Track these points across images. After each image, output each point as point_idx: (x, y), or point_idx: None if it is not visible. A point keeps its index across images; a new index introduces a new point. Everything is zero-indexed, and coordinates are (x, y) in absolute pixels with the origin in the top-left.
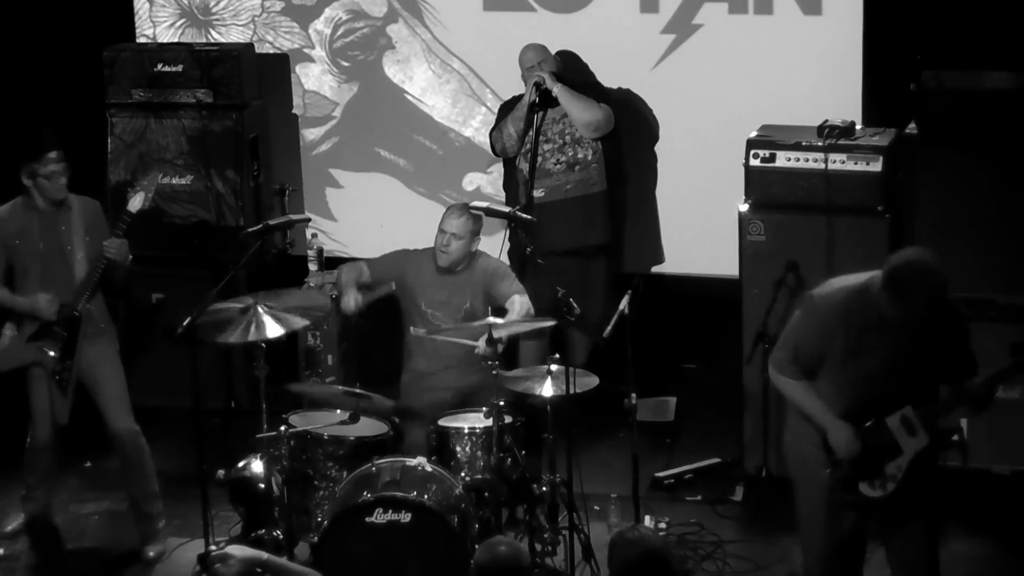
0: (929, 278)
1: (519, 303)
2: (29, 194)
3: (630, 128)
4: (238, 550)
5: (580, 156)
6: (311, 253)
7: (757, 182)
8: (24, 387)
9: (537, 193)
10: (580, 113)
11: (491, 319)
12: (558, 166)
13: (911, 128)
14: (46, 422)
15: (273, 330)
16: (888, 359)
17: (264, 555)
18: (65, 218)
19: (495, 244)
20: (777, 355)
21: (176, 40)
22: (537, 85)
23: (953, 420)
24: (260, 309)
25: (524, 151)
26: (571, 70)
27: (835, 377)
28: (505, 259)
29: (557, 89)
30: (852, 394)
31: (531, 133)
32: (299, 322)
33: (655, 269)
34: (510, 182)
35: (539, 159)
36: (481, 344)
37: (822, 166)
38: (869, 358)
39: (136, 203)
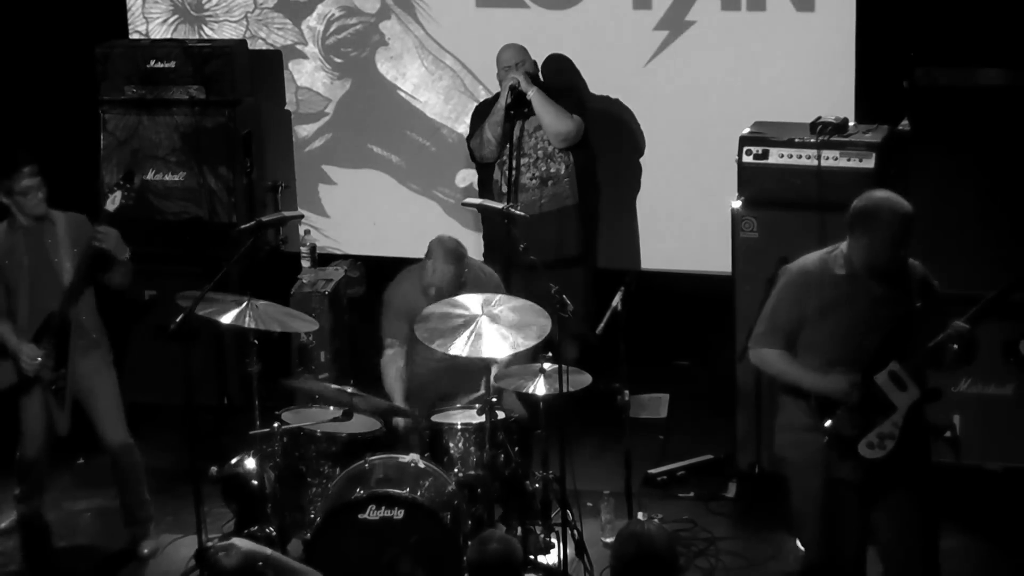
0: (890, 203)
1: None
2: (11, 214)
3: (622, 128)
4: (242, 542)
5: (553, 170)
6: (304, 250)
7: (750, 179)
8: (15, 395)
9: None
10: (551, 121)
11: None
12: (532, 181)
13: (904, 125)
14: (36, 439)
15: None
16: (864, 312)
17: (267, 551)
18: (50, 232)
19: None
20: (756, 332)
21: (169, 36)
22: (512, 88)
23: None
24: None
25: (500, 161)
26: (557, 73)
27: (815, 340)
28: (480, 257)
29: (532, 93)
30: (835, 354)
31: (509, 146)
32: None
33: (648, 266)
34: (485, 189)
35: (515, 174)
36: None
37: (815, 163)
38: (845, 312)
39: (114, 202)
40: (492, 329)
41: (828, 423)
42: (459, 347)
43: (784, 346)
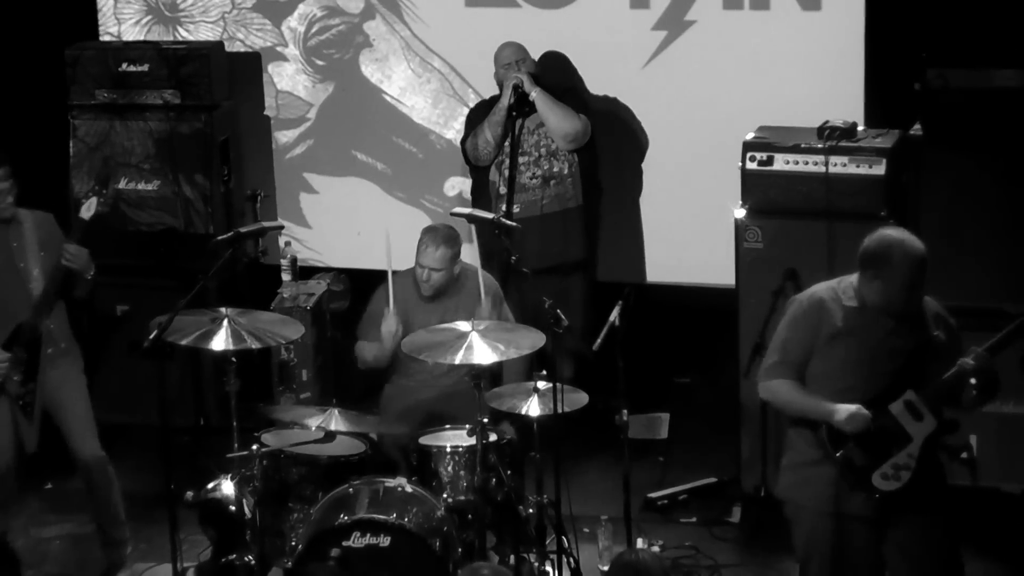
0: (903, 247)
1: None
2: None
3: (617, 132)
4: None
5: (556, 170)
6: (284, 262)
7: (754, 186)
8: None
9: (513, 209)
10: (558, 122)
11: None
12: (534, 180)
13: (915, 129)
14: (3, 454)
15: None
16: (876, 343)
17: None
18: (16, 234)
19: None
20: (765, 365)
21: (142, 38)
22: (515, 87)
23: (967, 399)
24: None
25: (498, 160)
26: (554, 72)
27: (825, 369)
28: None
29: (535, 93)
30: (846, 383)
31: (507, 145)
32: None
33: (647, 279)
34: (480, 193)
35: (515, 172)
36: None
37: (822, 169)
38: (856, 341)
39: (89, 209)
40: (483, 342)
41: (839, 454)
42: (449, 357)
43: (794, 377)
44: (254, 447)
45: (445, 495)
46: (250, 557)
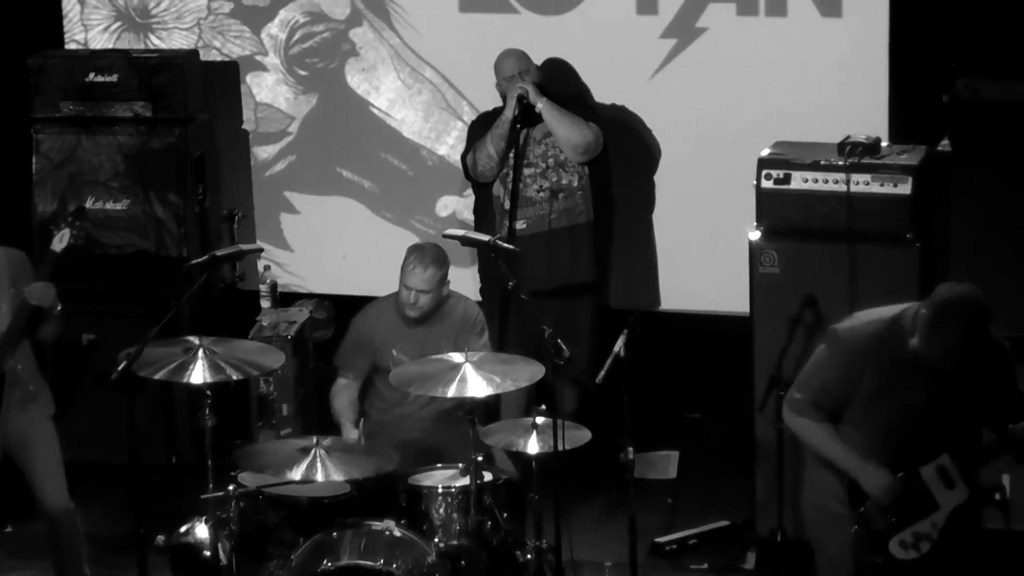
0: (968, 313)
1: None
2: None
3: (624, 147)
4: None
5: (565, 182)
6: (264, 288)
7: (770, 206)
8: None
9: (518, 225)
10: (567, 133)
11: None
12: (541, 193)
13: (944, 145)
14: None
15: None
16: (922, 402)
17: None
18: None
19: (464, 277)
20: (794, 396)
21: (111, 46)
22: (520, 99)
23: (995, 474)
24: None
25: (502, 174)
26: (556, 82)
27: (862, 421)
28: (476, 296)
29: (542, 104)
30: (881, 441)
31: (511, 157)
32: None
33: (654, 306)
34: (483, 210)
35: (520, 186)
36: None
37: (843, 188)
38: (901, 399)
39: (61, 241)
40: (478, 374)
41: (860, 510)
42: (441, 390)
43: (827, 420)
44: (230, 487)
45: (437, 539)
46: None
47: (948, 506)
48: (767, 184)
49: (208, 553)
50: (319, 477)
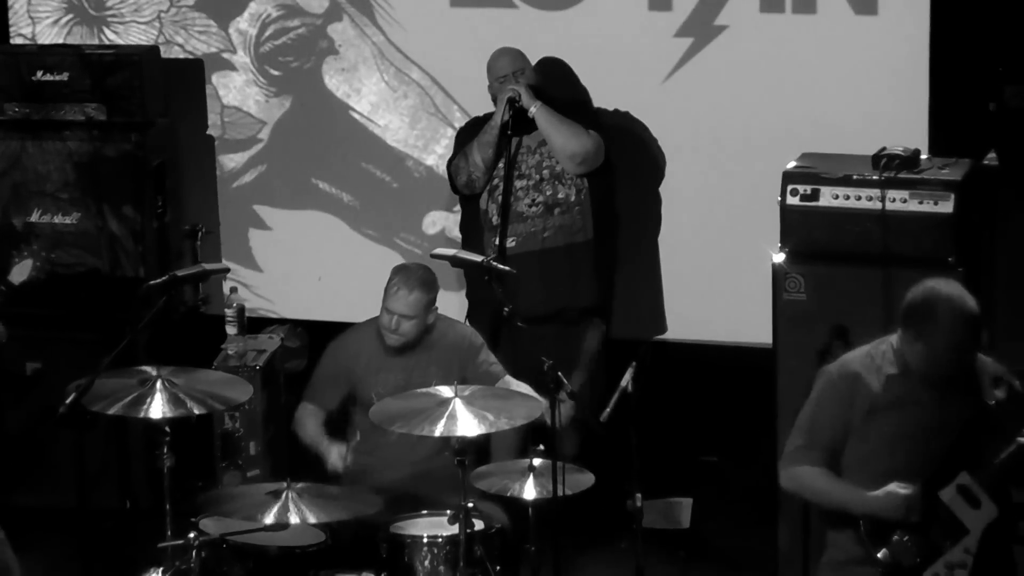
0: (951, 303)
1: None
2: None
3: (632, 158)
4: None
5: (561, 196)
6: (230, 312)
7: (795, 225)
8: None
9: (508, 243)
10: (563, 141)
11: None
12: (533, 208)
13: (990, 158)
14: None
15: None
16: (922, 417)
17: None
18: None
19: (451, 301)
20: (789, 448)
21: (61, 41)
22: (511, 101)
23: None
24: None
25: (492, 186)
26: (555, 84)
27: (862, 452)
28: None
29: (535, 108)
30: (887, 464)
31: (501, 166)
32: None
33: (660, 336)
34: (471, 226)
35: (511, 199)
36: None
37: (878, 206)
38: (898, 415)
39: (22, 273)
40: (469, 410)
41: (882, 553)
42: (428, 429)
43: (825, 463)
44: (191, 535)
45: None
46: None
47: (978, 527)
48: (793, 200)
49: None
50: (293, 519)
